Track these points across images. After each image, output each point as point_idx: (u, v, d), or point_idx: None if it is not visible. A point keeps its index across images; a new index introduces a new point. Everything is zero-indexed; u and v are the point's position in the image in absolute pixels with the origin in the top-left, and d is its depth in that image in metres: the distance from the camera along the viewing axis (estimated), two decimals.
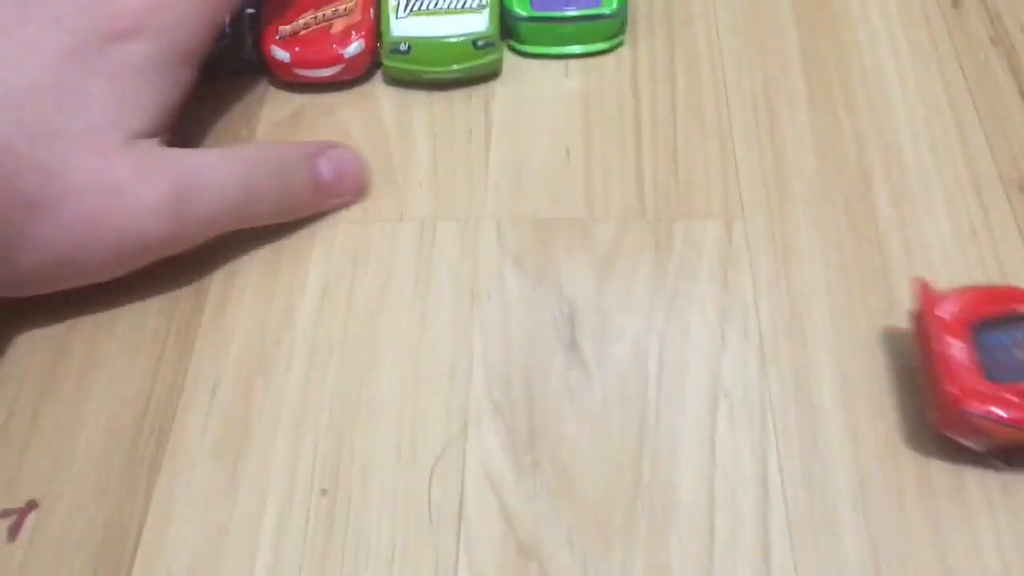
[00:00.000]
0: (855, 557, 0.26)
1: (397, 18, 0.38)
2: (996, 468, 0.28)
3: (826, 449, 0.28)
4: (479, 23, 0.38)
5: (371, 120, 0.38)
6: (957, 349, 0.27)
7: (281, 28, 0.38)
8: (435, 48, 0.38)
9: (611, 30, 0.39)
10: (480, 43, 0.38)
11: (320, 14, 0.39)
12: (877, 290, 0.32)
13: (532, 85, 0.39)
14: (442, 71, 0.38)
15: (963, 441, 0.27)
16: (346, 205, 0.35)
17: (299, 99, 0.39)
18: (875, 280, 0.32)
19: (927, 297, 0.29)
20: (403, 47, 0.37)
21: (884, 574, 0.26)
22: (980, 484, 0.28)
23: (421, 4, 0.38)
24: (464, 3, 0.38)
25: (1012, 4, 0.40)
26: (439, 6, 0.38)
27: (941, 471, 0.28)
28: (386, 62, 0.38)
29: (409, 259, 0.33)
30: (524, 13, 0.38)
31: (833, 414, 0.29)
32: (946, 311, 0.28)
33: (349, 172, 0.35)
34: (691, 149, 0.36)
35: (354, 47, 0.38)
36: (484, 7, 0.38)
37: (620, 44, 0.40)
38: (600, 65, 0.39)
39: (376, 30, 0.38)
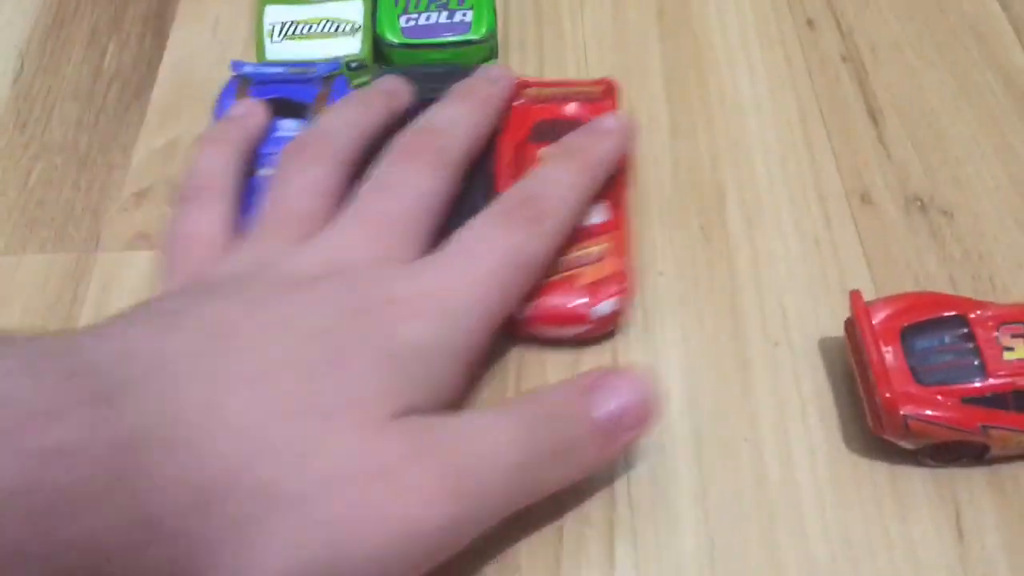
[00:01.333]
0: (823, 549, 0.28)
1: (272, 42, 0.39)
2: (927, 465, 0.30)
3: None
4: (352, 46, 0.39)
5: None
6: (889, 355, 0.29)
7: None
8: None
9: (481, 55, 0.40)
10: (353, 65, 0.39)
11: (567, 258, 0.32)
12: (724, 300, 0.33)
13: None
14: None
15: (897, 441, 0.29)
16: (633, 442, 0.29)
17: (178, 129, 0.39)
18: (722, 289, 0.33)
19: (859, 306, 0.30)
20: None
21: (841, 560, 0.28)
22: (919, 478, 0.29)
23: (295, 29, 0.39)
24: (337, 27, 0.39)
25: (863, 22, 0.42)
26: (313, 31, 0.39)
27: (880, 470, 0.30)
28: None
29: None
30: (396, 40, 0.39)
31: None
32: (877, 319, 0.30)
33: (632, 406, 0.28)
34: None
35: (607, 305, 0.31)
36: (357, 30, 0.39)
37: None
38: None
39: (632, 280, 0.32)
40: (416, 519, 0.24)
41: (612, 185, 0.33)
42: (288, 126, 0.36)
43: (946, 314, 0.30)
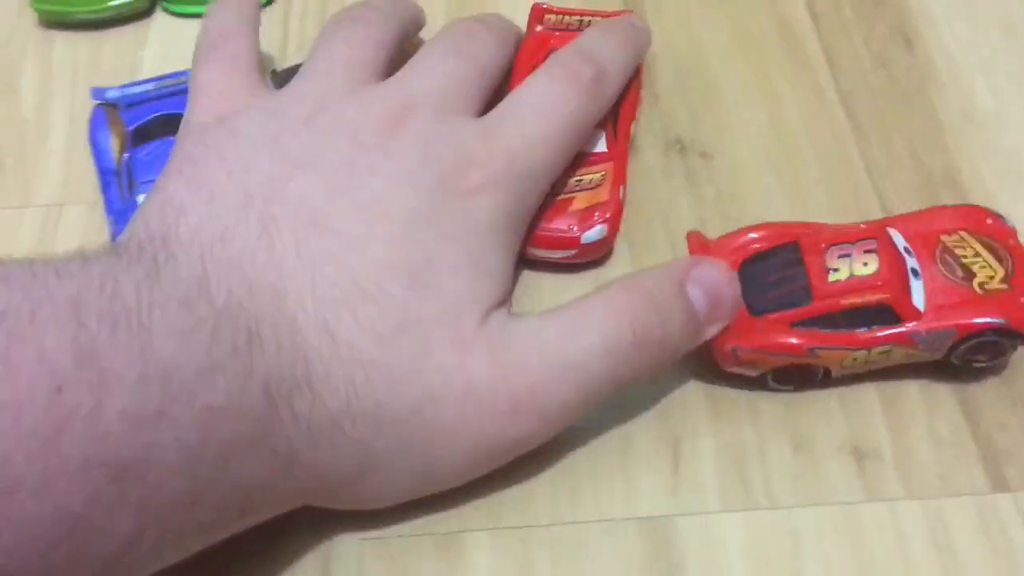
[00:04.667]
0: None
1: None
2: (773, 389, 0.30)
3: None
4: None
5: None
6: None
7: None
8: None
9: None
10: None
11: (563, 181, 0.33)
12: None
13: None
14: (86, 11, 0.39)
15: (741, 371, 0.30)
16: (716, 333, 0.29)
17: None
18: None
19: (696, 246, 0.31)
20: None
21: None
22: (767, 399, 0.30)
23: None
24: None
25: None
26: None
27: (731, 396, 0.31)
28: (35, 5, 0.38)
29: (31, 248, 0.32)
30: None
31: None
32: (722, 255, 0.30)
33: (720, 292, 0.28)
34: None
35: (595, 232, 0.32)
36: None
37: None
38: None
39: (621, 213, 0.33)
40: (498, 435, 0.26)
41: (614, 116, 0.34)
42: None
43: (779, 243, 0.30)
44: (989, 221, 0.31)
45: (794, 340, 0.29)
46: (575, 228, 0.32)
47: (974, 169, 0.36)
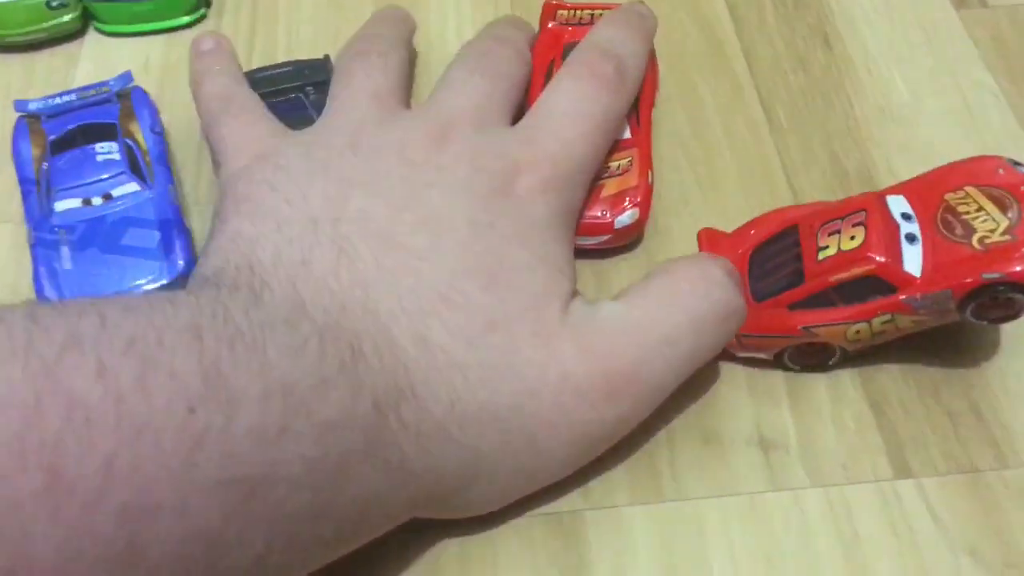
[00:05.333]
0: None
1: None
2: (790, 368, 0.31)
3: None
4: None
5: None
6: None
7: None
8: (8, 10, 0.38)
9: (190, 4, 0.40)
10: (54, 4, 0.38)
11: None
12: None
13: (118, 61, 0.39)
14: (18, 32, 0.39)
15: (756, 355, 0.31)
16: None
17: None
18: None
19: (707, 241, 0.32)
20: None
21: None
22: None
23: None
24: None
25: None
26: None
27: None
28: None
29: None
30: None
31: None
32: (722, 251, 0.31)
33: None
34: None
35: (627, 216, 0.33)
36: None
37: (203, 17, 0.41)
38: (185, 40, 0.40)
39: (651, 196, 0.34)
40: (597, 421, 0.27)
41: (635, 103, 0.35)
42: (106, 148, 0.34)
43: (782, 229, 0.31)
44: (1000, 171, 0.30)
45: (787, 322, 0.29)
46: (608, 214, 0.33)
47: (888, 163, 0.36)
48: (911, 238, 0.29)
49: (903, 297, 0.28)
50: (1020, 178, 0.29)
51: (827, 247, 0.29)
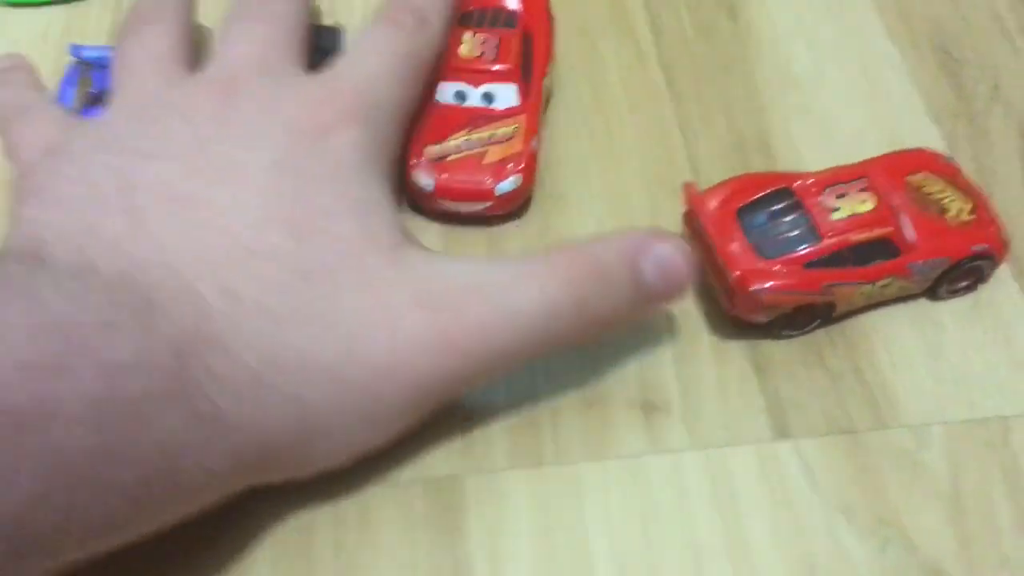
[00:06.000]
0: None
1: None
2: (782, 336, 0.31)
3: None
4: None
5: None
6: (731, 237, 0.30)
7: (428, 148, 0.34)
8: None
9: None
10: None
11: (475, 136, 0.34)
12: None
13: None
14: None
15: (751, 318, 0.30)
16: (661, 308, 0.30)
17: None
18: None
19: (695, 197, 0.31)
20: None
21: None
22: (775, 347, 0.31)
23: None
24: None
25: None
26: None
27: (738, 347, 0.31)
28: None
29: None
30: None
31: None
32: (712, 206, 0.31)
33: (676, 273, 0.28)
34: None
35: (508, 183, 0.33)
36: None
37: None
38: (87, 10, 0.40)
39: (535, 163, 0.34)
40: (434, 371, 0.26)
41: (526, 70, 0.35)
42: None
43: (772, 189, 0.31)
44: (942, 161, 0.33)
45: (808, 279, 0.30)
46: (489, 180, 0.33)
47: (786, 131, 0.36)
48: (899, 209, 0.31)
49: (907, 261, 0.30)
50: (955, 169, 0.33)
51: (839, 209, 0.30)
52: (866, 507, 0.28)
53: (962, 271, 0.31)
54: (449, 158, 0.33)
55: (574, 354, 0.30)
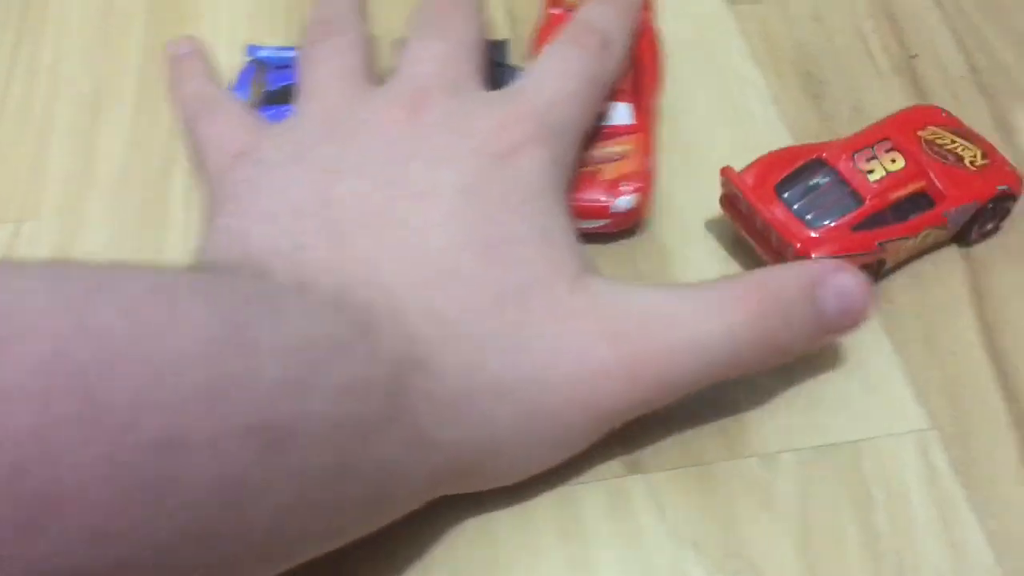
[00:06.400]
0: None
1: None
2: None
3: None
4: None
5: None
6: (779, 212, 0.31)
7: None
8: None
9: None
10: None
11: (590, 154, 0.34)
12: None
13: None
14: None
15: None
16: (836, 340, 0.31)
17: None
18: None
19: (736, 178, 0.32)
20: None
21: None
22: None
23: None
24: None
25: None
26: None
27: None
28: None
29: None
30: None
31: None
32: (755, 183, 0.32)
33: (856, 305, 0.28)
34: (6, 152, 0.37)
35: (625, 201, 0.33)
36: None
37: None
38: None
39: (652, 182, 0.34)
40: (618, 400, 0.27)
41: (639, 89, 0.36)
42: None
43: (803, 162, 0.32)
44: (943, 115, 0.35)
45: (862, 241, 0.31)
46: (605, 198, 0.33)
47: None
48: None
49: (942, 211, 0.32)
50: (956, 120, 0.35)
51: (873, 171, 0.32)
52: (714, 540, 0.27)
53: (989, 213, 0.33)
54: None
55: None
